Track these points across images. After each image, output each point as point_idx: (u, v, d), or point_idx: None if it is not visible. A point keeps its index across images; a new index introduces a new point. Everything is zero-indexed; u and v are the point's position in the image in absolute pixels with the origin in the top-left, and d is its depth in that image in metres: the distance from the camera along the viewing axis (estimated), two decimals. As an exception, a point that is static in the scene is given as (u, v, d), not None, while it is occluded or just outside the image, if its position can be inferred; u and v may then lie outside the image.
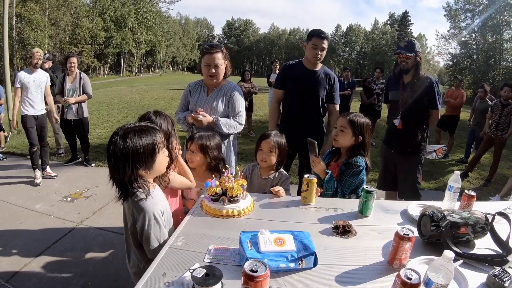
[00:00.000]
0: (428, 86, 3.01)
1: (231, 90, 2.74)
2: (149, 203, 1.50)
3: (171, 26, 62.62)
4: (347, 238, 1.55)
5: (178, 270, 1.27)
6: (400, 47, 3.03)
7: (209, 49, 2.58)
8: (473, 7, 32.54)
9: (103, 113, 10.94)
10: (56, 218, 3.74)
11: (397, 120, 3.16)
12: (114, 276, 2.80)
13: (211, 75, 2.62)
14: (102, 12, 41.71)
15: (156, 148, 1.49)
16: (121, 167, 1.42)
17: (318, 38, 3.05)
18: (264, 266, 1.05)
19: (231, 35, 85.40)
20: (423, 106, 3.07)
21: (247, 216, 1.76)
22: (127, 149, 1.40)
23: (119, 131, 1.45)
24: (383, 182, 3.55)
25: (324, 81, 3.18)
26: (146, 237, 1.50)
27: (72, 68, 5.14)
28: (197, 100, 2.71)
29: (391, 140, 3.34)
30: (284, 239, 1.35)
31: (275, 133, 2.33)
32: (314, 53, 3.06)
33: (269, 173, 2.34)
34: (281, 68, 3.50)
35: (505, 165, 6.64)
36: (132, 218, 1.54)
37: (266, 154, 2.26)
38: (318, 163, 2.18)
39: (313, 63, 3.15)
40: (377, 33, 69.30)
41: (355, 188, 2.17)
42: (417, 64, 2.99)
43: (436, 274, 1.12)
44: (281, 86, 3.28)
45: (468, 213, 1.55)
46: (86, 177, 5.10)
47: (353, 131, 2.19)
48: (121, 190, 1.49)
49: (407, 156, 3.20)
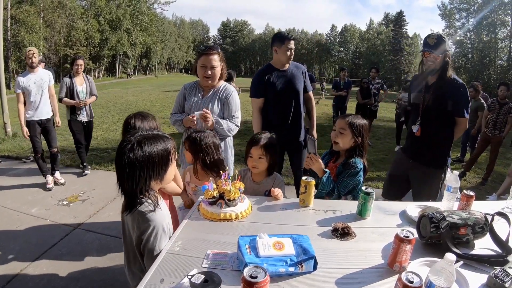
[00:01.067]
0: (454, 89, 2.62)
1: (227, 92, 2.73)
2: (158, 215, 1.45)
3: (166, 28, 62.50)
4: (346, 240, 1.54)
5: (176, 276, 1.25)
6: (427, 44, 2.63)
7: (205, 50, 2.59)
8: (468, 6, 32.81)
9: (98, 115, 10.86)
10: (52, 222, 3.71)
11: (416, 126, 2.79)
12: (111, 280, 2.78)
13: (207, 77, 2.62)
14: (97, 14, 41.56)
15: (170, 157, 1.46)
16: (135, 176, 1.37)
17: (288, 40, 3.11)
18: (264, 272, 1.03)
19: (227, 36, 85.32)
20: (446, 112, 2.67)
21: (245, 219, 1.74)
22: (144, 158, 1.36)
23: (132, 139, 1.40)
24: (386, 191, 3.16)
25: (299, 75, 3.27)
26: (150, 249, 1.44)
27: (79, 70, 5.03)
28: (193, 102, 2.70)
29: (408, 147, 2.99)
30: (283, 243, 1.34)
31: (264, 136, 2.25)
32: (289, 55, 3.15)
33: (262, 177, 2.30)
34: (254, 77, 3.43)
35: (501, 163, 6.68)
36: (138, 230, 1.45)
37: (256, 161, 2.21)
38: (316, 161, 2.15)
39: (285, 64, 3.21)
40: (372, 33, 69.49)
41: (351, 189, 2.17)
42: (445, 64, 2.61)
43: (437, 277, 1.11)
44: (260, 95, 3.25)
45: (468, 214, 1.54)
46: (82, 181, 5.07)
47: (353, 132, 2.19)
48: (129, 201, 1.44)
49: (423, 167, 2.78)
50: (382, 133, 9.71)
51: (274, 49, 3.20)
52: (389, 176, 3.19)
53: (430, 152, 2.75)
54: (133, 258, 1.57)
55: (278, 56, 3.18)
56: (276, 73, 3.19)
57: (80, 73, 5.10)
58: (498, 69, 30.74)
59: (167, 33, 62.51)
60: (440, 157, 2.77)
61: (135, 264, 1.57)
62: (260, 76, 3.24)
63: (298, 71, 3.28)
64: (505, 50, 31.46)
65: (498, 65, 31.14)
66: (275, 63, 3.22)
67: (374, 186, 5.15)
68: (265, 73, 3.22)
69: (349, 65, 67.38)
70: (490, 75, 29.71)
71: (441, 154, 2.77)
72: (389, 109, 15.31)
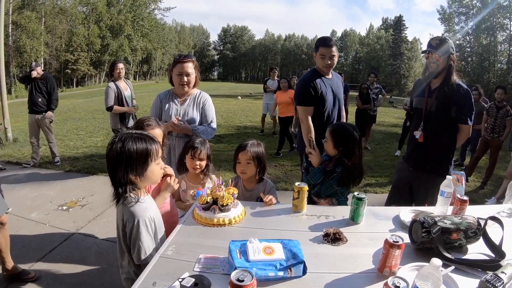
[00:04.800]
0: (459, 95, 2.52)
1: (203, 99, 2.88)
2: (139, 208, 1.54)
3: (166, 33, 62.71)
4: (337, 245, 1.55)
5: (168, 279, 1.27)
6: (430, 45, 2.56)
7: (180, 59, 2.73)
8: (467, 10, 32.88)
9: (99, 121, 10.92)
10: (51, 227, 3.73)
11: (418, 132, 2.68)
12: (109, 286, 2.78)
13: (183, 84, 2.73)
14: (98, 20, 41.75)
15: (149, 157, 1.54)
16: (114, 169, 1.50)
17: (324, 47, 3.02)
18: (251, 276, 1.05)
19: (227, 42, 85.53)
20: (449, 117, 2.57)
21: (238, 224, 1.76)
22: (121, 152, 1.47)
23: (119, 135, 1.53)
24: (389, 201, 3.01)
25: (341, 86, 3.32)
26: (134, 241, 1.53)
27: (120, 75, 4.96)
28: (170, 110, 2.80)
29: (410, 154, 2.87)
30: (273, 248, 1.35)
31: (251, 143, 2.29)
32: (324, 62, 3.04)
33: (253, 184, 2.33)
34: (299, 84, 3.37)
35: (501, 167, 6.67)
36: (122, 223, 1.57)
37: (244, 166, 2.24)
38: (316, 155, 2.30)
39: (325, 71, 3.13)
40: (372, 38, 69.66)
41: (333, 193, 2.26)
42: (449, 67, 2.52)
43: (424, 282, 1.11)
44: (310, 103, 3.07)
45: (460, 218, 1.55)
46: (82, 186, 5.08)
47: (333, 143, 2.26)
48: (115, 192, 1.56)
49: (425, 175, 2.67)
50: (382, 138, 9.70)
51: (313, 55, 3.20)
52: (392, 186, 3.11)
53: (432, 159, 2.66)
54: (119, 251, 1.68)
55: (316, 63, 3.16)
56: (322, 81, 3.10)
57: (122, 77, 5.01)
58: (497, 72, 30.75)
59: (167, 38, 62.69)
60: (443, 164, 2.67)
61: (122, 257, 1.68)
62: (307, 84, 3.10)
63: (340, 82, 3.33)
64: (505, 54, 31.50)
65: (498, 69, 31.16)
66: (318, 70, 3.16)
67: (372, 191, 5.16)
68: (311, 80, 3.11)
69: (349, 70, 67.53)
70: (490, 79, 29.72)
71: (444, 161, 2.68)
72: (388, 114, 15.34)
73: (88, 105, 16.06)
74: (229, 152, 6.77)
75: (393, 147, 8.26)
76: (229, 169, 5.45)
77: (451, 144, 2.68)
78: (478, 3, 31.63)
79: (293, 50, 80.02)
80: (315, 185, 2.31)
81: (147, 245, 1.53)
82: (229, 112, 13.82)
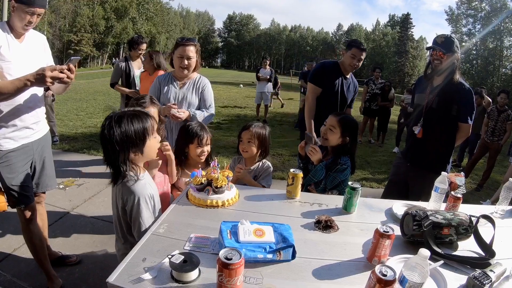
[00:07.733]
0: (460, 94, 2.52)
1: (202, 83, 2.87)
2: (139, 186, 1.56)
3: (171, 18, 62.38)
4: (328, 233, 1.56)
5: (158, 256, 1.28)
6: (435, 42, 2.55)
7: (182, 41, 2.71)
8: (475, 13, 32.64)
9: (100, 102, 10.91)
10: (47, 205, 3.69)
11: (418, 127, 2.69)
12: (101, 264, 2.80)
13: (183, 67, 2.72)
14: (103, 1, 41.44)
15: (146, 133, 1.56)
16: (114, 150, 1.50)
17: (358, 49, 3.18)
18: (239, 254, 1.06)
19: (232, 29, 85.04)
20: (450, 115, 2.58)
21: (231, 207, 1.77)
22: (120, 133, 1.48)
23: (113, 115, 1.53)
24: (385, 195, 2.97)
25: (352, 90, 3.39)
26: (135, 219, 1.56)
27: (141, 56, 4.68)
28: (169, 93, 2.79)
29: (408, 150, 2.87)
30: (263, 230, 1.36)
31: (256, 124, 2.36)
32: (352, 62, 3.21)
33: (253, 163, 2.39)
34: (318, 64, 3.54)
35: (498, 171, 6.67)
36: (121, 201, 1.58)
37: (246, 145, 2.31)
38: (317, 152, 2.29)
39: (348, 70, 3.31)
40: (378, 34, 69.27)
41: (337, 184, 2.23)
42: (453, 66, 2.52)
43: (411, 272, 1.12)
44: (320, 84, 3.28)
45: (452, 214, 1.54)
46: (79, 166, 5.08)
47: (341, 131, 2.25)
48: (114, 172, 1.56)
49: (422, 171, 2.67)
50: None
51: (342, 52, 3.35)
52: (389, 181, 3.13)
53: (429, 156, 2.67)
54: (118, 230, 1.69)
55: (344, 59, 3.29)
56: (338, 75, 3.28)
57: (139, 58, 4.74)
58: (502, 77, 30.67)
59: (172, 23, 62.32)
60: (440, 162, 2.67)
61: (118, 235, 1.70)
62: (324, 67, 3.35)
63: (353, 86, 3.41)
64: (510, 59, 31.37)
65: (502, 73, 31.07)
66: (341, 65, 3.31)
67: (368, 185, 5.18)
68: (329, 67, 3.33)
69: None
70: (494, 83, 29.64)
71: (441, 159, 2.69)
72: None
73: (89, 86, 16.00)
74: (228, 139, 6.80)
75: (392, 143, 8.27)
76: (227, 156, 5.45)
77: (450, 142, 2.68)
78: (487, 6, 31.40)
79: (298, 42, 79.56)
80: (320, 182, 2.30)
81: (148, 222, 1.56)
82: (230, 100, 13.81)
